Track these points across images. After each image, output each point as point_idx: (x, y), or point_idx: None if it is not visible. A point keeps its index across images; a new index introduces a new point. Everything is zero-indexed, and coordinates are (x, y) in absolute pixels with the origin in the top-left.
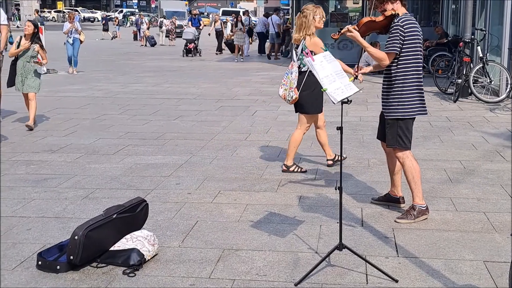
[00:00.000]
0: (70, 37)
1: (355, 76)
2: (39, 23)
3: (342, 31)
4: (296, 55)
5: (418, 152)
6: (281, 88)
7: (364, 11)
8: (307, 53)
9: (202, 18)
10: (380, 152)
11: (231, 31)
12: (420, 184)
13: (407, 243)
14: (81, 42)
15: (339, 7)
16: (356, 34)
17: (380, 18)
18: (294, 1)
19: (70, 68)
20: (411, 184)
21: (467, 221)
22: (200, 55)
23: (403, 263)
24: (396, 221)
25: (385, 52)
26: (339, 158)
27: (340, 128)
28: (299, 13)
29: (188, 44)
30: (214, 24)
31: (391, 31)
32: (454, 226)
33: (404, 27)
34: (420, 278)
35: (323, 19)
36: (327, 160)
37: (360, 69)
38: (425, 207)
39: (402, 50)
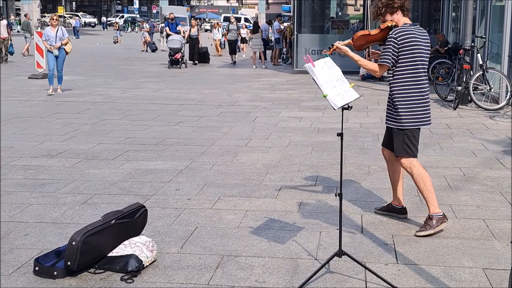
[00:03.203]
0: (52, 46)
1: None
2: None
3: (332, 48)
4: None
5: (418, 159)
6: None
7: (365, 19)
8: (308, 59)
9: (180, 24)
10: (381, 159)
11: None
12: (433, 191)
13: (406, 250)
14: (66, 53)
15: (340, 14)
16: (345, 49)
17: (375, 31)
18: (296, 8)
19: (50, 88)
20: (423, 193)
21: (467, 228)
22: (186, 67)
23: (403, 270)
24: (416, 235)
25: (378, 64)
26: None
27: (340, 135)
28: None
29: (174, 54)
30: (190, 30)
31: (386, 42)
32: (453, 233)
33: (397, 38)
34: (420, 285)
35: None
36: None
37: (372, 54)
38: (442, 214)
39: (399, 61)
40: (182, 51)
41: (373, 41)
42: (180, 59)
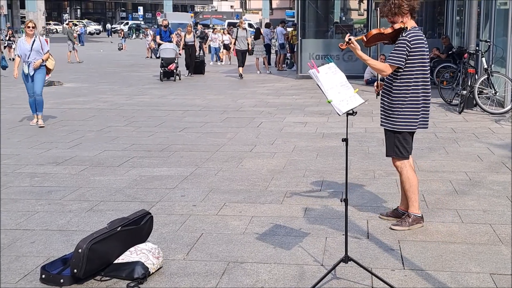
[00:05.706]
0: (26, 64)
1: (377, 93)
2: None
3: (346, 39)
4: None
5: (423, 164)
6: None
7: (369, 24)
8: (312, 65)
9: (174, 31)
10: (386, 164)
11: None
12: (417, 193)
13: (413, 255)
14: (48, 71)
15: (344, 18)
16: (356, 47)
17: (388, 30)
18: (299, 13)
19: (34, 118)
20: (407, 193)
21: (473, 233)
22: (180, 79)
23: (409, 276)
24: (391, 228)
25: (388, 64)
26: None
27: (345, 140)
28: None
29: (167, 65)
30: (185, 36)
31: (397, 43)
32: (460, 238)
33: (411, 42)
34: None
35: None
36: None
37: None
38: (420, 216)
39: (406, 65)
40: (176, 61)
41: (382, 39)
42: (174, 70)
